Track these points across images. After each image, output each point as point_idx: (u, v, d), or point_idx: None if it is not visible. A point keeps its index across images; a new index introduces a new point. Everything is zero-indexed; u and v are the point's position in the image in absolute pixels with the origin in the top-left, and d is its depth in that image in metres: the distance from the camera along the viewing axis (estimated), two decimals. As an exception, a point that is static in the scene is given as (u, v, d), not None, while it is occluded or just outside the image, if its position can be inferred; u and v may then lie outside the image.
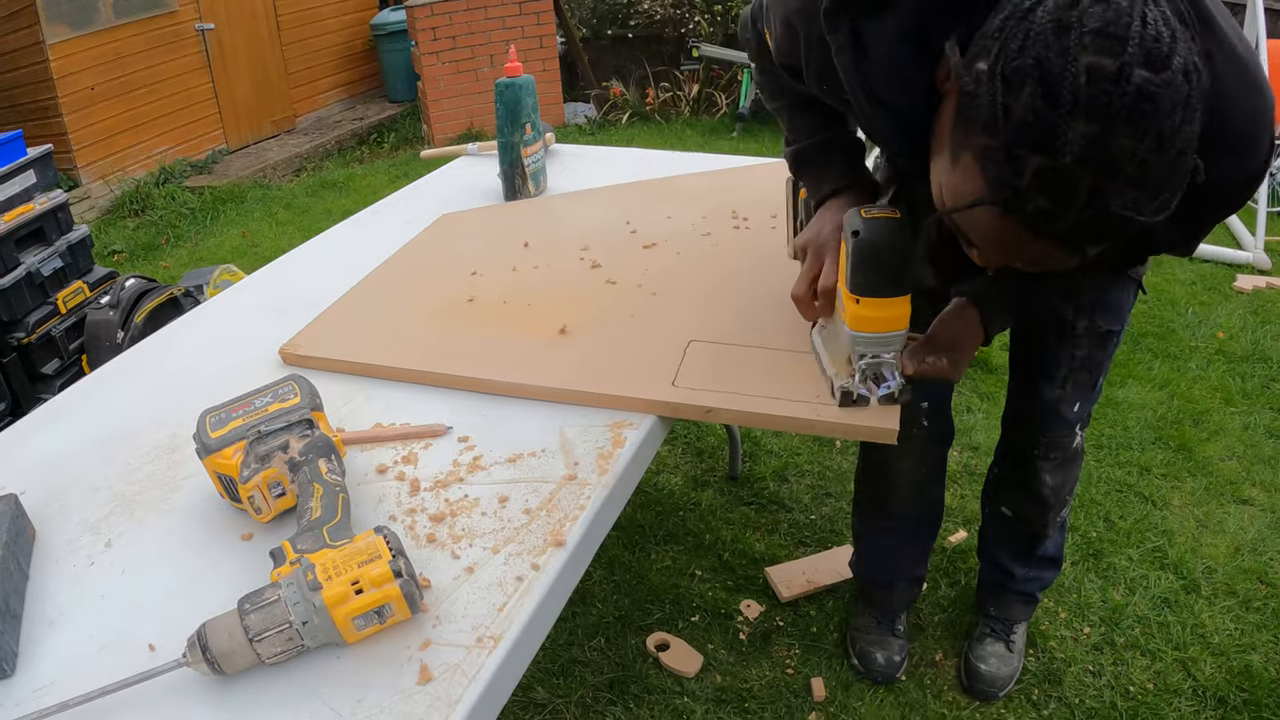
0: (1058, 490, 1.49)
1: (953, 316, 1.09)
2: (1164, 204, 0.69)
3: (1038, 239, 0.72)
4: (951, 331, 1.08)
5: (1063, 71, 0.66)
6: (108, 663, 0.76)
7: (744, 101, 5.54)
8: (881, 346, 0.98)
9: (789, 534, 2.08)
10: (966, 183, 0.75)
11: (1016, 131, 0.68)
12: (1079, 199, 0.68)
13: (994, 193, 0.72)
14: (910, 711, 1.64)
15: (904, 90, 0.86)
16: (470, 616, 0.78)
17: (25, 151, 2.48)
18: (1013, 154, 0.69)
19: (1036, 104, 0.67)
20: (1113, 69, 0.65)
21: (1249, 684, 1.64)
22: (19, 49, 4.66)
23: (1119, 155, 0.66)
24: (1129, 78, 0.65)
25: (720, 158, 1.94)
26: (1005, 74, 0.69)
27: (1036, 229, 0.71)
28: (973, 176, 0.74)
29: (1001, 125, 0.69)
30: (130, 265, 4.28)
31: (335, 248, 1.61)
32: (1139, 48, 0.65)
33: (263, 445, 0.89)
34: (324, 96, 6.62)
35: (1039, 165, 0.68)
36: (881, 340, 0.98)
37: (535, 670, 1.74)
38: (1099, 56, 0.65)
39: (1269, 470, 2.21)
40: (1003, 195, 0.71)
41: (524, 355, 1.16)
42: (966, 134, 0.74)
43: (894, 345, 0.99)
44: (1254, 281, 3.20)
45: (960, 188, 0.77)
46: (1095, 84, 0.65)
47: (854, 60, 0.88)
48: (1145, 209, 0.68)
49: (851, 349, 0.99)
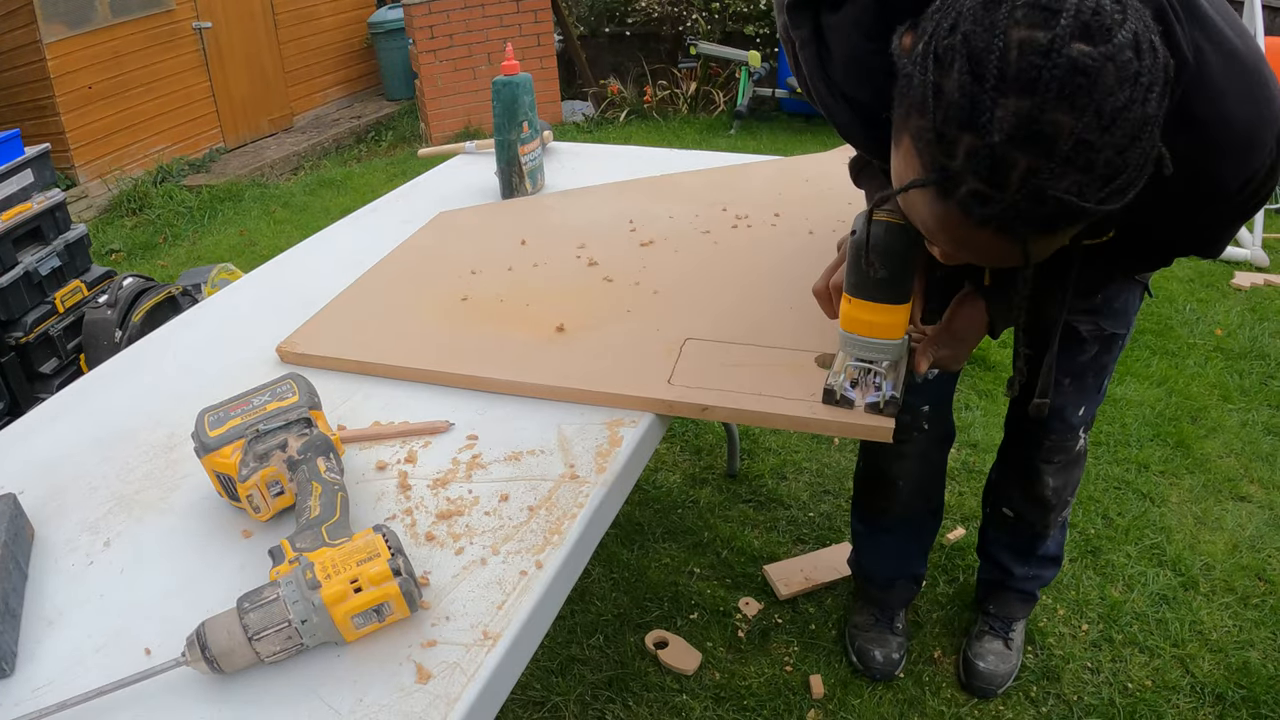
0: (1060, 492, 1.49)
1: (959, 306, 1.08)
2: (1116, 190, 0.66)
3: (975, 225, 0.69)
4: (958, 323, 1.07)
5: (989, 45, 0.63)
6: (107, 662, 0.76)
7: (742, 99, 5.54)
8: (871, 352, 0.96)
9: (787, 531, 2.09)
10: (906, 167, 0.74)
11: (946, 110, 0.66)
12: (1013, 181, 0.65)
13: (927, 175, 0.69)
14: (909, 709, 1.64)
15: (865, 83, 0.84)
16: (469, 614, 0.78)
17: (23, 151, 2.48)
18: (943, 134, 0.67)
19: (964, 80, 0.64)
20: (1044, 41, 0.62)
21: (1247, 680, 1.64)
22: (16, 48, 4.65)
23: (1053, 133, 0.63)
24: (1061, 50, 0.62)
25: (718, 155, 1.94)
26: (937, 52, 0.67)
27: (970, 213, 0.68)
28: (911, 160, 0.72)
29: (932, 105, 0.67)
30: (128, 264, 4.28)
31: (333, 246, 1.61)
32: (1074, 20, 0.62)
33: (261, 444, 0.89)
34: (322, 95, 6.62)
35: (969, 145, 0.65)
36: (869, 345, 0.95)
37: (534, 668, 1.74)
38: (1030, 30, 0.63)
39: (1267, 467, 2.21)
40: (936, 177, 0.69)
41: (521, 353, 1.16)
42: (904, 116, 0.72)
43: (886, 354, 0.96)
44: (1252, 278, 3.20)
45: (901, 172, 0.75)
46: (1025, 57, 0.62)
47: (817, 54, 0.87)
48: (1092, 195, 0.65)
49: (842, 349, 0.99)
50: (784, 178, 1.75)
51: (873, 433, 1.00)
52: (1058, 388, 1.35)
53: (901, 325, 0.94)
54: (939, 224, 0.73)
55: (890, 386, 0.99)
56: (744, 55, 5.49)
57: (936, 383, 1.41)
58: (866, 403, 1.00)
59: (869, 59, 0.83)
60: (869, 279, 0.91)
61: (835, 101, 0.89)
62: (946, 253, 0.80)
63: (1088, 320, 1.28)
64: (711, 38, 5.94)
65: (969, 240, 0.73)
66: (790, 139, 5.41)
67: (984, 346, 2.79)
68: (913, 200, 0.74)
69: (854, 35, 0.84)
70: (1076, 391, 1.36)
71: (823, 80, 0.88)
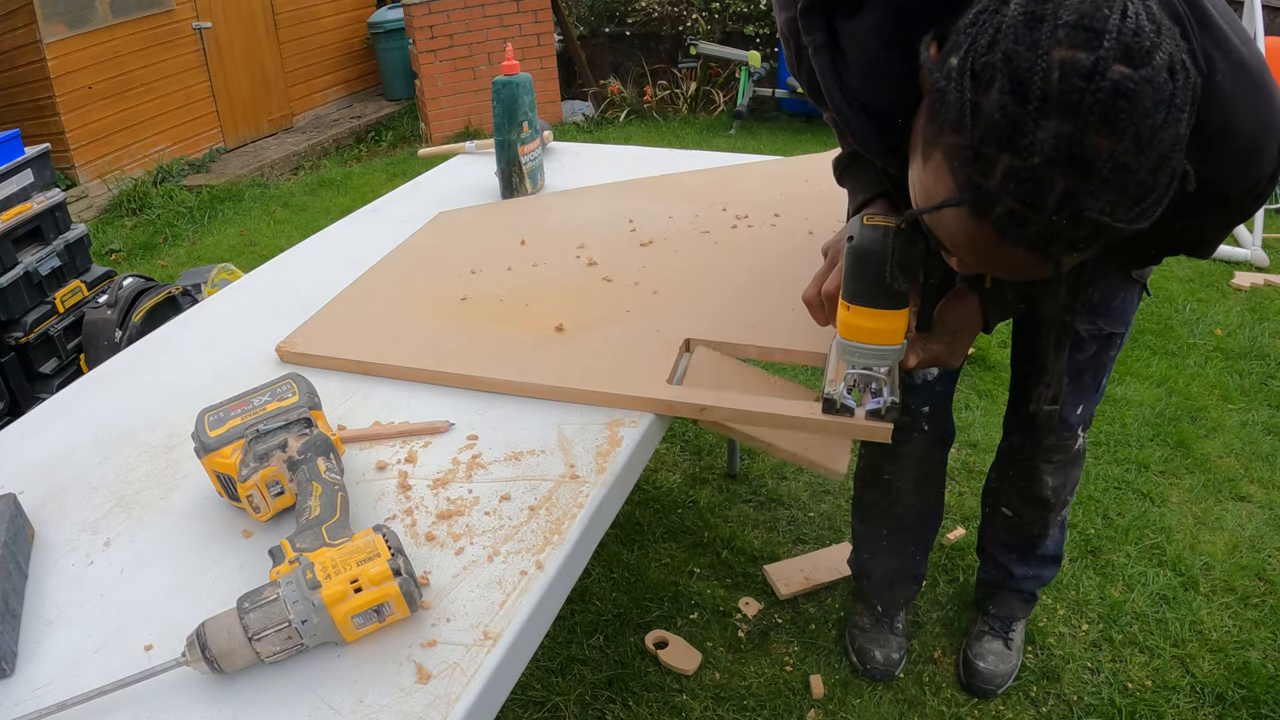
0: (1059, 491, 1.49)
1: (953, 302, 1.08)
2: (1145, 210, 0.66)
3: (1008, 244, 0.69)
4: (951, 317, 1.07)
5: (1033, 66, 0.62)
6: (107, 662, 0.76)
7: (741, 99, 5.54)
8: (871, 358, 0.95)
9: (787, 531, 2.09)
10: (936, 183, 0.73)
11: (985, 129, 0.65)
12: (1050, 202, 0.64)
13: (962, 194, 0.69)
14: (909, 709, 1.64)
15: (883, 91, 0.84)
16: (470, 614, 0.78)
17: (23, 151, 2.48)
18: (980, 153, 0.66)
19: (1005, 100, 0.64)
20: (1087, 63, 0.61)
21: (1247, 680, 1.64)
22: (16, 48, 4.65)
23: (1093, 156, 0.62)
24: (1104, 73, 0.61)
25: (718, 155, 1.94)
26: (975, 69, 0.66)
27: (1006, 233, 0.68)
28: (942, 176, 0.71)
29: (969, 123, 0.66)
30: (128, 264, 4.28)
31: (333, 246, 1.61)
32: (1116, 42, 0.61)
33: (261, 444, 0.89)
34: (322, 95, 6.62)
35: (1008, 165, 0.65)
36: (870, 352, 0.95)
37: (534, 668, 1.74)
38: (1073, 51, 0.62)
39: (1267, 467, 2.21)
40: (971, 196, 0.68)
41: (521, 353, 1.16)
42: (937, 132, 0.71)
43: (886, 360, 0.96)
44: (1252, 279, 3.20)
45: (930, 188, 0.74)
46: (1067, 79, 0.62)
47: (830, 61, 0.86)
48: (1124, 215, 0.65)
49: (841, 356, 0.98)
50: (784, 178, 1.75)
51: (871, 434, 1.00)
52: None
53: (901, 330, 0.94)
54: (968, 241, 0.73)
55: (889, 392, 0.98)
56: (744, 55, 5.50)
57: (936, 383, 1.41)
58: (867, 410, 0.99)
59: (887, 66, 0.82)
60: (867, 284, 0.90)
61: (850, 108, 0.88)
62: (967, 264, 0.79)
63: (1086, 319, 1.28)
64: (711, 38, 5.94)
65: (998, 257, 0.72)
66: (790, 139, 5.41)
67: (984, 346, 2.79)
68: (944, 217, 0.73)
69: (872, 42, 0.83)
70: (1075, 391, 1.36)
71: (837, 86, 0.87)
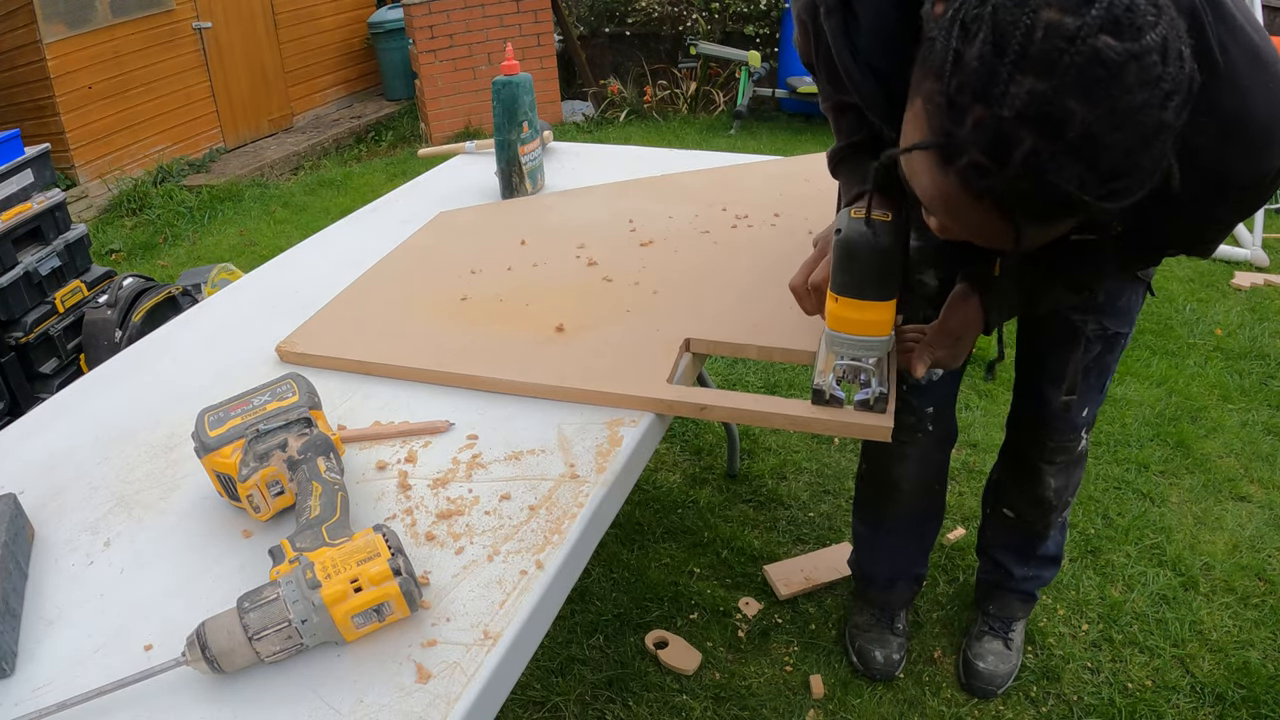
0: (1060, 492, 1.49)
1: (954, 303, 1.08)
2: (1117, 192, 0.65)
3: (973, 199, 0.70)
4: (952, 319, 1.07)
5: (1017, 21, 0.63)
6: (107, 662, 0.76)
7: (741, 99, 5.54)
8: (859, 349, 0.96)
9: (787, 531, 2.09)
10: (913, 130, 0.74)
11: (961, 78, 0.66)
12: (1015, 158, 0.65)
13: (933, 138, 0.70)
14: (909, 709, 1.64)
15: (892, 53, 0.84)
16: (470, 614, 0.78)
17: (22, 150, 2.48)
18: (955, 101, 0.67)
19: (985, 51, 0.64)
20: (1071, 27, 0.62)
21: (1247, 680, 1.64)
22: (16, 48, 4.65)
23: (1064, 118, 0.63)
24: (1086, 39, 0.61)
25: (718, 155, 1.94)
26: (964, 20, 0.67)
27: (969, 184, 0.69)
28: (919, 122, 0.72)
29: (949, 71, 0.67)
30: (128, 264, 4.28)
31: (333, 246, 1.61)
32: (1106, 12, 0.62)
33: (261, 444, 0.89)
34: (322, 95, 6.62)
35: (979, 115, 0.65)
36: (857, 343, 0.95)
37: (534, 668, 1.74)
38: (1061, 14, 0.62)
39: (1267, 467, 2.21)
40: (940, 141, 0.69)
41: (521, 353, 1.16)
42: (921, 79, 0.72)
43: (874, 351, 0.96)
44: (1252, 278, 3.20)
45: (909, 134, 0.75)
46: (1050, 39, 0.62)
47: (842, 23, 0.87)
48: (1091, 189, 0.65)
49: (829, 348, 0.98)
50: (784, 178, 1.75)
51: (872, 432, 1.00)
52: (1060, 388, 1.35)
53: (889, 322, 0.94)
54: (938, 192, 0.73)
55: (878, 383, 0.99)
56: (744, 55, 5.50)
57: (940, 384, 1.41)
58: (856, 400, 0.99)
59: (897, 28, 0.83)
60: (855, 276, 0.91)
61: (860, 70, 0.89)
62: (943, 225, 0.80)
63: (1091, 319, 1.28)
64: (711, 38, 5.94)
65: (964, 213, 0.73)
66: (790, 139, 5.41)
67: (985, 346, 2.79)
68: (914, 164, 0.74)
69: (884, 4, 0.84)
70: (1080, 392, 1.36)
71: (848, 49, 0.88)
